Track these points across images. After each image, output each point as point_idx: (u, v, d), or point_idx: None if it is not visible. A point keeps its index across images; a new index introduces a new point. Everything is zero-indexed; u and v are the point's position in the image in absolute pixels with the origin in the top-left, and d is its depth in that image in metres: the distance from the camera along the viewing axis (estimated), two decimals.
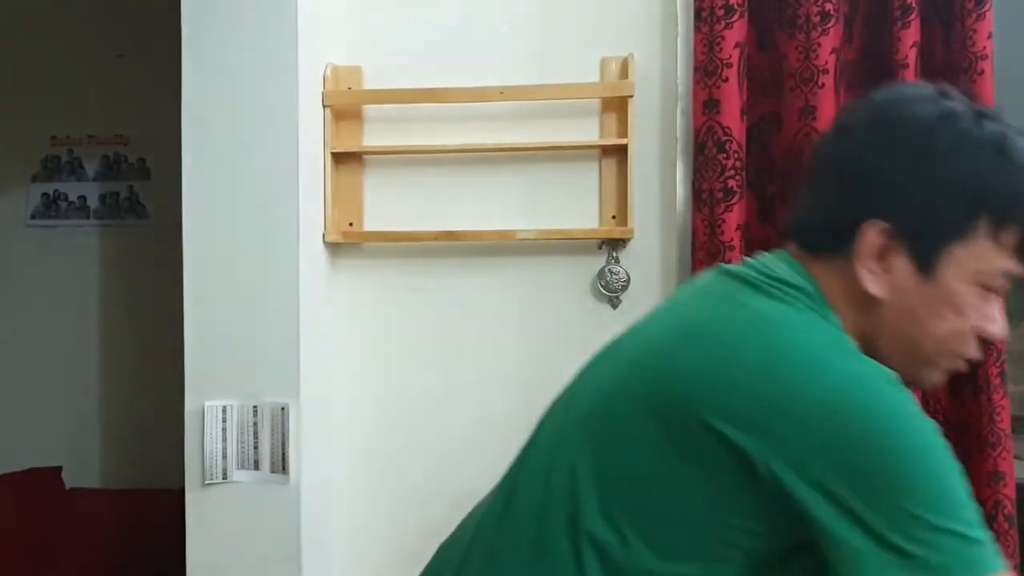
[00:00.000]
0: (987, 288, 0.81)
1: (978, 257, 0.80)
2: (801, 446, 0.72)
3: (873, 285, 0.81)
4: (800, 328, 0.79)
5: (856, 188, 0.82)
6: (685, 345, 0.81)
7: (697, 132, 1.58)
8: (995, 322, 0.83)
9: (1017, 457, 1.58)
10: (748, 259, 0.88)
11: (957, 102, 0.82)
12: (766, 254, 0.88)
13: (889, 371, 0.77)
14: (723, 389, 0.76)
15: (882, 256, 0.81)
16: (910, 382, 0.82)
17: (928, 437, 0.74)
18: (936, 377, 0.87)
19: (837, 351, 0.78)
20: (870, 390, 0.74)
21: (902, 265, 0.80)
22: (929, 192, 0.79)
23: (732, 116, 1.55)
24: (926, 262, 0.80)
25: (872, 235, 0.80)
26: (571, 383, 0.94)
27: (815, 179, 0.89)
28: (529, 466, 0.90)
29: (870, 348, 0.82)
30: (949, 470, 0.73)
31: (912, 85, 1.29)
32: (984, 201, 0.78)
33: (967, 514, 0.71)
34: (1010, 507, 1.52)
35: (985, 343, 0.84)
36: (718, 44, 1.55)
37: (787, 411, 0.73)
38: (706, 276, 0.92)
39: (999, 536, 1.49)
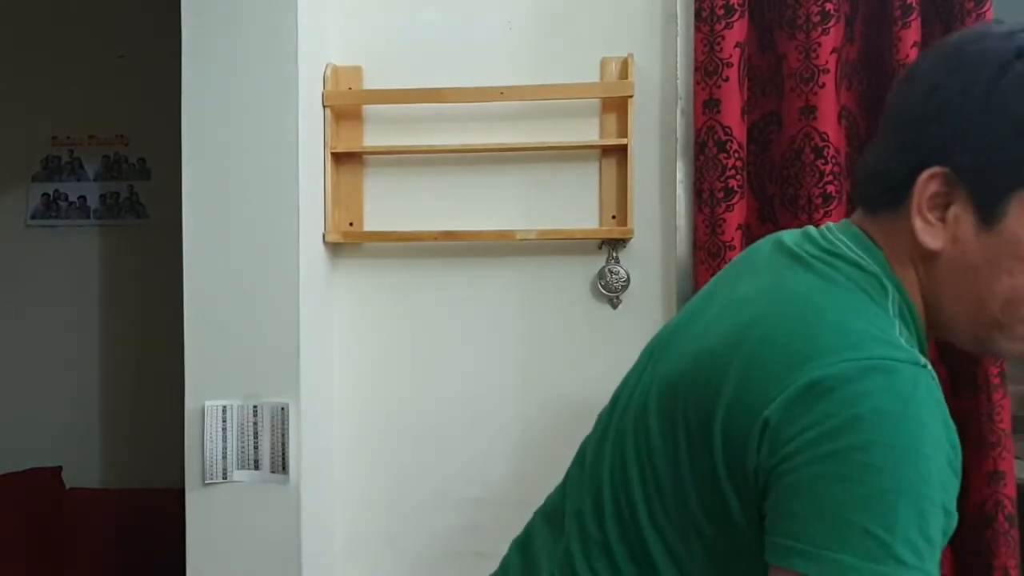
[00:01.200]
0: None
1: None
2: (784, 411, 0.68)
3: (929, 237, 0.73)
4: (831, 307, 0.72)
5: (914, 133, 0.74)
6: (721, 322, 0.78)
7: (698, 132, 1.58)
8: None
9: (1017, 457, 1.58)
10: (810, 229, 0.81)
11: None
12: (832, 224, 0.81)
13: (927, 372, 0.68)
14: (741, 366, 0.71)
15: (940, 205, 0.73)
16: (983, 351, 0.76)
17: (923, 452, 0.64)
18: (1010, 346, 0.76)
19: (870, 333, 0.69)
20: (888, 375, 0.66)
21: (963, 215, 0.72)
22: (991, 132, 0.70)
23: (732, 116, 1.55)
24: (989, 210, 0.71)
25: (928, 182, 0.72)
26: (631, 374, 0.91)
27: (879, 133, 0.80)
28: (591, 451, 0.90)
29: (936, 312, 0.76)
30: (920, 498, 0.64)
31: (989, 23, 1.06)
32: None
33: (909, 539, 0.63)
34: (1010, 507, 1.52)
35: None
36: (718, 44, 1.55)
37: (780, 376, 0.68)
38: (762, 248, 0.85)
39: (999, 536, 1.49)
